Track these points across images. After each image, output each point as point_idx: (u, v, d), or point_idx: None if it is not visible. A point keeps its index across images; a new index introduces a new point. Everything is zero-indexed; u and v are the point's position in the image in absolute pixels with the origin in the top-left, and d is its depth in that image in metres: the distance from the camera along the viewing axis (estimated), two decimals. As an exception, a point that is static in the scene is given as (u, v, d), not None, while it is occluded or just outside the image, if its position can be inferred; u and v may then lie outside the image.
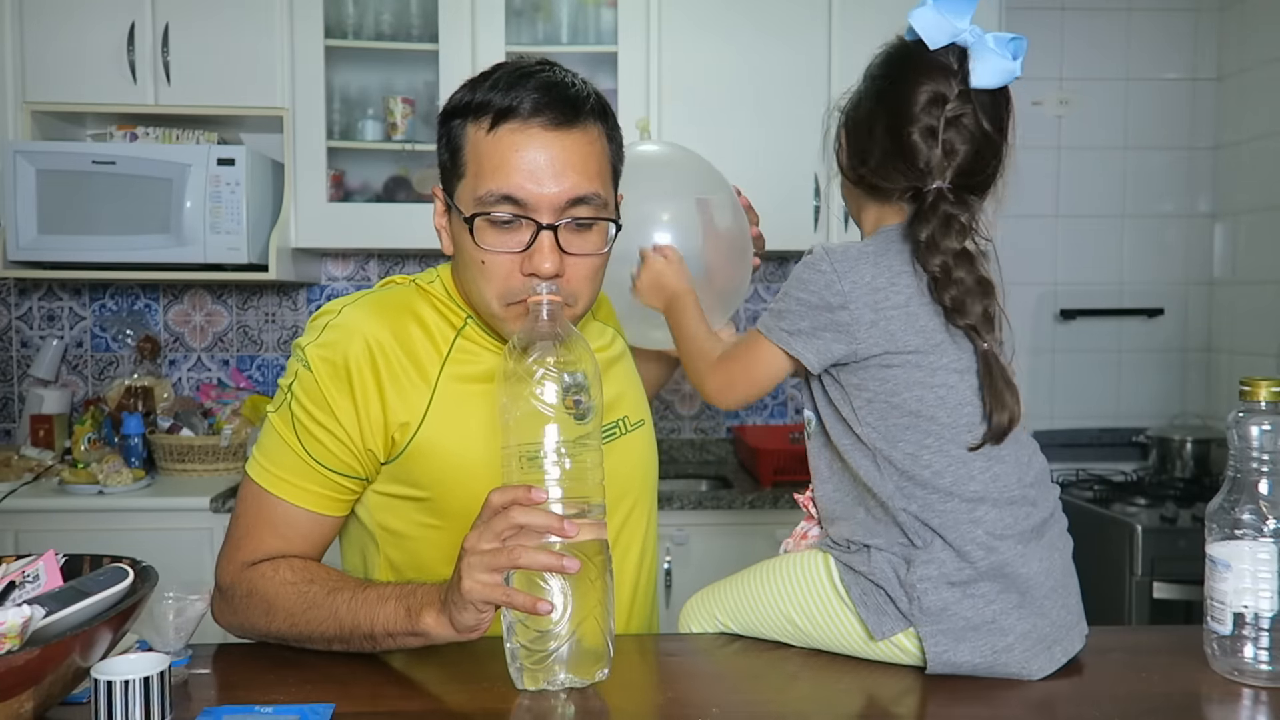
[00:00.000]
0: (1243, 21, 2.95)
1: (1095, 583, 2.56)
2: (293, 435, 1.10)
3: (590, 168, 1.07)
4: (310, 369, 1.10)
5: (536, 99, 1.04)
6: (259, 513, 1.12)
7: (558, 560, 0.89)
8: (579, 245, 1.07)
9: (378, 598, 1.02)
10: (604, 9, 2.68)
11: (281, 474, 1.11)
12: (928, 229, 1.03)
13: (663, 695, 0.99)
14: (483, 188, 1.05)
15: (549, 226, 1.04)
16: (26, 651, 0.77)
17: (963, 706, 0.93)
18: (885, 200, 1.10)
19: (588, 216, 1.06)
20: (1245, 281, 2.95)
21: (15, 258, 2.48)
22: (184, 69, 2.55)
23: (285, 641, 1.09)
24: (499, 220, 1.05)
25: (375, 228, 2.64)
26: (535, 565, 0.89)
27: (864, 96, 1.10)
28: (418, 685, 1.00)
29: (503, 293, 1.08)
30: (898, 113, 1.04)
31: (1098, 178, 3.06)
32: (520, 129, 1.04)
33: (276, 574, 1.08)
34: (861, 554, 1.05)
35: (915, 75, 1.04)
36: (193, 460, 2.58)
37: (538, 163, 1.04)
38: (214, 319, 2.94)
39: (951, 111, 1.02)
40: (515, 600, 0.90)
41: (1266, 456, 0.96)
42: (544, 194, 1.04)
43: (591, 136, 1.08)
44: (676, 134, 2.63)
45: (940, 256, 1.02)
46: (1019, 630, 0.98)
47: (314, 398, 1.09)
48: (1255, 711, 0.93)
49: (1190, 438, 2.87)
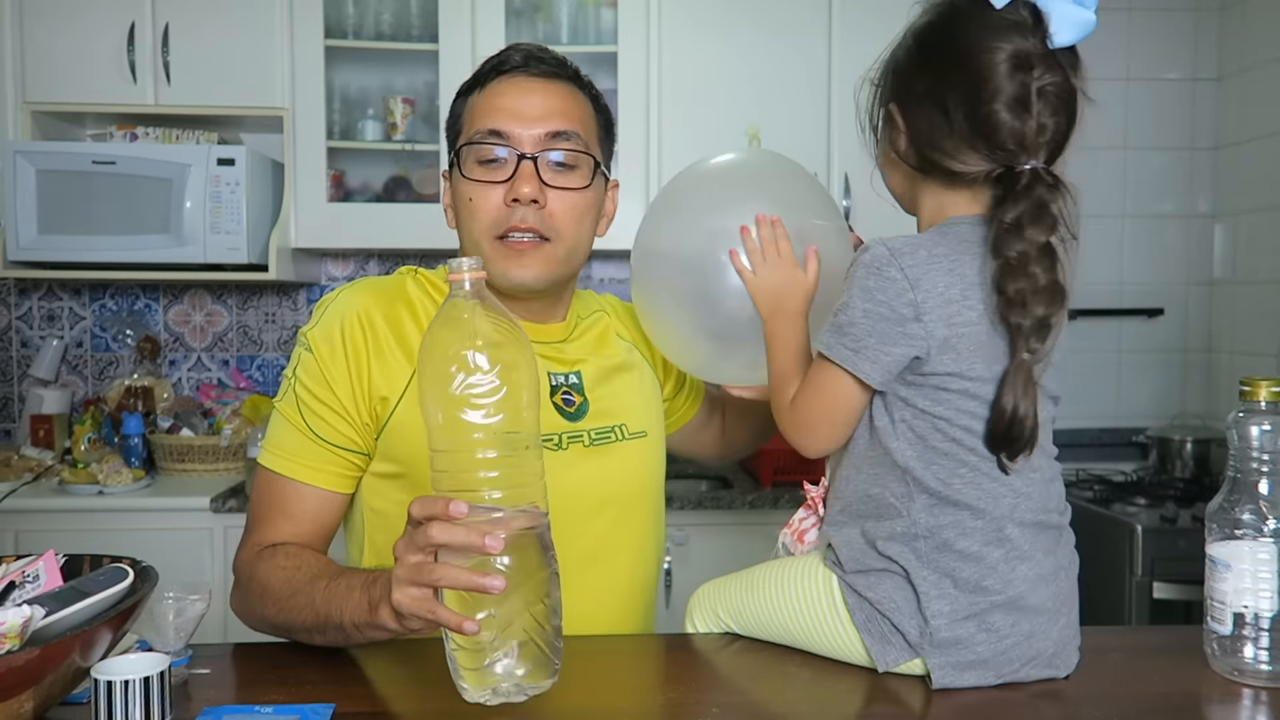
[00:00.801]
0: (1243, 21, 2.95)
1: (1095, 583, 2.56)
2: (298, 416, 1.14)
3: (572, 112, 1.17)
4: (311, 350, 1.15)
5: (523, 57, 1.17)
6: (270, 497, 1.16)
7: (479, 581, 0.81)
8: (560, 180, 1.15)
9: (347, 587, 1.00)
10: (604, 9, 2.68)
11: (289, 455, 1.15)
12: (1015, 212, 0.90)
13: (663, 695, 0.99)
14: (473, 128, 1.15)
15: (530, 157, 1.13)
16: (26, 651, 0.77)
17: (963, 707, 0.93)
18: (957, 185, 0.96)
19: (567, 148, 1.15)
20: (1245, 281, 2.95)
21: (15, 258, 2.48)
22: (184, 69, 2.55)
23: (280, 632, 1.10)
24: (485, 159, 1.14)
25: (375, 228, 2.64)
26: (456, 585, 0.83)
27: (920, 66, 0.96)
28: (418, 685, 1.00)
29: (489, 225, 1.14)
30: (976, 82, 0.91)
31: (1097, 178, 3.06)
32: (507, 79, 1.16)
33: (274, 559, 1.10)
34: (867, 576, 0.99)
35: (989, 37, 0.91)
36: (193, 460, 2.58)
37: (521, 102, 1.15)
38: (214, 319, 2.94)
39: (1040, 77, 0.90)
40: (441, 617, 0.84)
41: (1266, 456, 0.96)
42: (525, 126, 1.13)
43: (573, 92, 1.19)
44: (676, 134, 2.64)
45: (1022, 245, 0.90)
46: (1026, 657, 0.97)
47: (314, 376, 1.14)
48: (1255, 711, 0.93)
49: (1190, 438, 2.87)
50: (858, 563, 1.00)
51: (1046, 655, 0.98)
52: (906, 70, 0.98)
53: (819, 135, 2.66)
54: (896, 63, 0.99)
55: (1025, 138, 0.91)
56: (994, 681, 0.96)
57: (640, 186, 2.64)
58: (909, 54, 0.98)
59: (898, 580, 0.97)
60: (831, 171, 2.66)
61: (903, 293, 0.92)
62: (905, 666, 0.98)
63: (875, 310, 0.92)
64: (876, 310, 0.92)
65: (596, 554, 1.18)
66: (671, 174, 2.60)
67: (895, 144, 0.99)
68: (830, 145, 2.65)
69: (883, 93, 1.01)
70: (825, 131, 2.65)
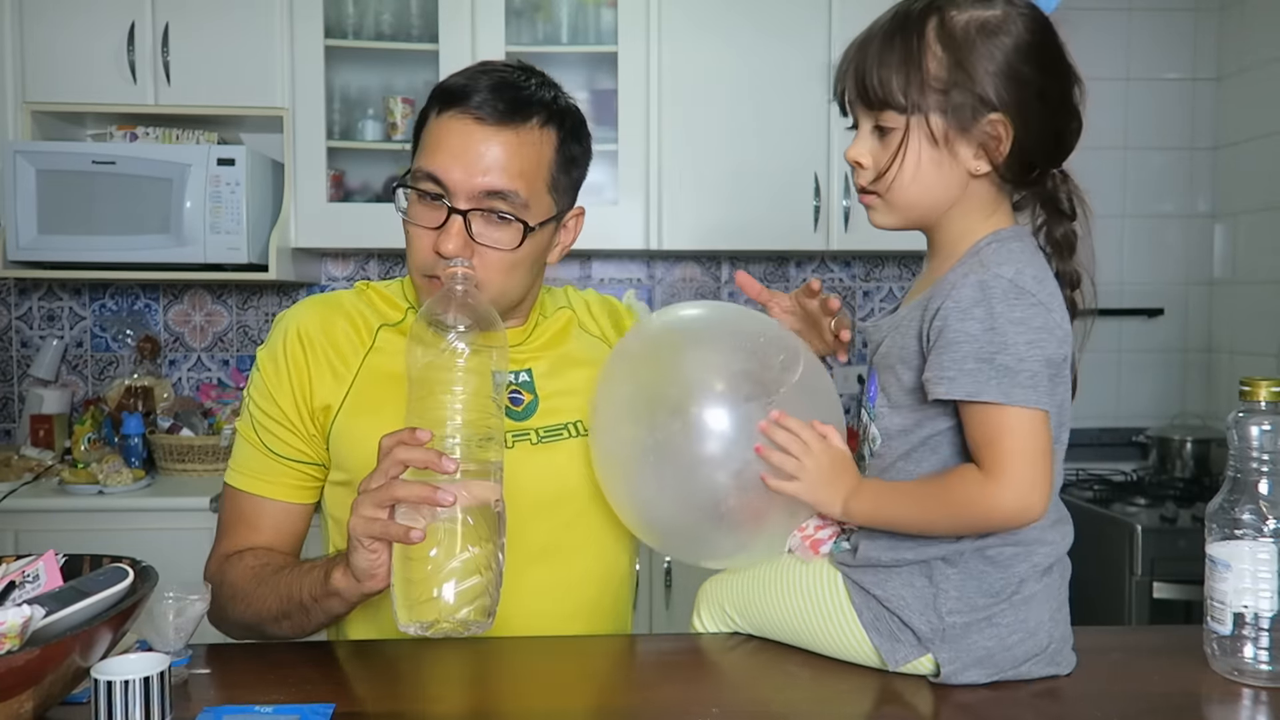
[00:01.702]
0: (1243, 21, 2.95)
1: (1095, 583, 2.56)
2: (253, 433, 1.20)
3: (514, 166, 1.11)
4: (259, 369, 1.21)
5: (484, 94, 1.10)
6: (233, 512, 1.21)
7: (430, 491, 0.91)
8: (490, 237, 1.11)
9: (309, 567, 1.08)
10: (604, 9, 2.68)
11: (248, 472, 1.20)
12: (1064, 193, 0.98)
13: (663, 695, 0.99)
14: (416, 163, 1.13)
15: (459, 212, 1.10)
16: (26, 651, 0.77)
17: (962, 705, 0.93)
18: (1014, 196, 1.01)
19: (502, 210, 1.10)
20: (1245, 281, 2.95)
21: (15, 258, 2.48)
22: (184, 69, 2.55)
23: (252, 631, 1.15)
24: (423, 194, 1.12)
25: (375, 228, 2.64)
26: (410, 497, 0.92)
27: (1040, 72, 0.94)
28: (418, 685, 1.00)
29: (419, 265, 1.14)
30: (1075, 91, 0.96)
31: (1098, 178, 3.05)
32: (458, 116, 1.10)
33: (242, 560, 1.16)
34: (875, 572, 0.99)
35: (1050, 29, 0.96)
36: (193, 460, 2.58)
37: (463, 150, 1.10)
38: (214, 319, 2.94)
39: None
40: (390, 530, 0.93)
41: (1266, 456, 0.96)
42: (460, 180, 1.09)
43: (530, 139, 1.12)
44: (676, 134, 2.64)
45: (1073, 224, 0.98)
46: (1030, 653, 0.97)
47: (263, 393, 1.19)
48: (1255, 711, 0.93)
49: (1190, 438, 2.87)
50: (866, 559, 1.00)
51: (1049, 652, 0.98)
52: (1018, 75, 0.93)
53: (819, 135, 2.66)
54: (1002, 66, 0.93)
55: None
56: (998, 677, 0.96)
57: (640, 186, 2.64)
58: (1019, 58, 0.93)
59: (907, 575, 0.97)
60: (831, 171, 2.67)
61: (1061, 322, 0.93)
62: (911, 665, 0.98)
63: (1039, 340, 0.90)
64: (1041, 341, 0.90)
65: (549, 550, 1.17)
66: (671, 174, 2.64)
67: (991, 151, 0.94)
68: (830, 145, 2.65)
69: (964, 95, 0.93)
70: (825, 131, 2.65)
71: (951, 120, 0.94)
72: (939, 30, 0.94)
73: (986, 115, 0.93)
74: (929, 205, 0.98)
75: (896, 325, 1.01)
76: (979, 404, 0.90)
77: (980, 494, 0.91)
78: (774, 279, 2.99)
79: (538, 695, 0.98)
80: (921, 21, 0.95)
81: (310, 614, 1.07)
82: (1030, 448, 0.90)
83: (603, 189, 2.73)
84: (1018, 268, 0.91)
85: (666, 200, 2.63)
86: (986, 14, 0.94)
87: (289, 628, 1.10)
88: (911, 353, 0.98)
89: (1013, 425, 0.90)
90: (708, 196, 2.66)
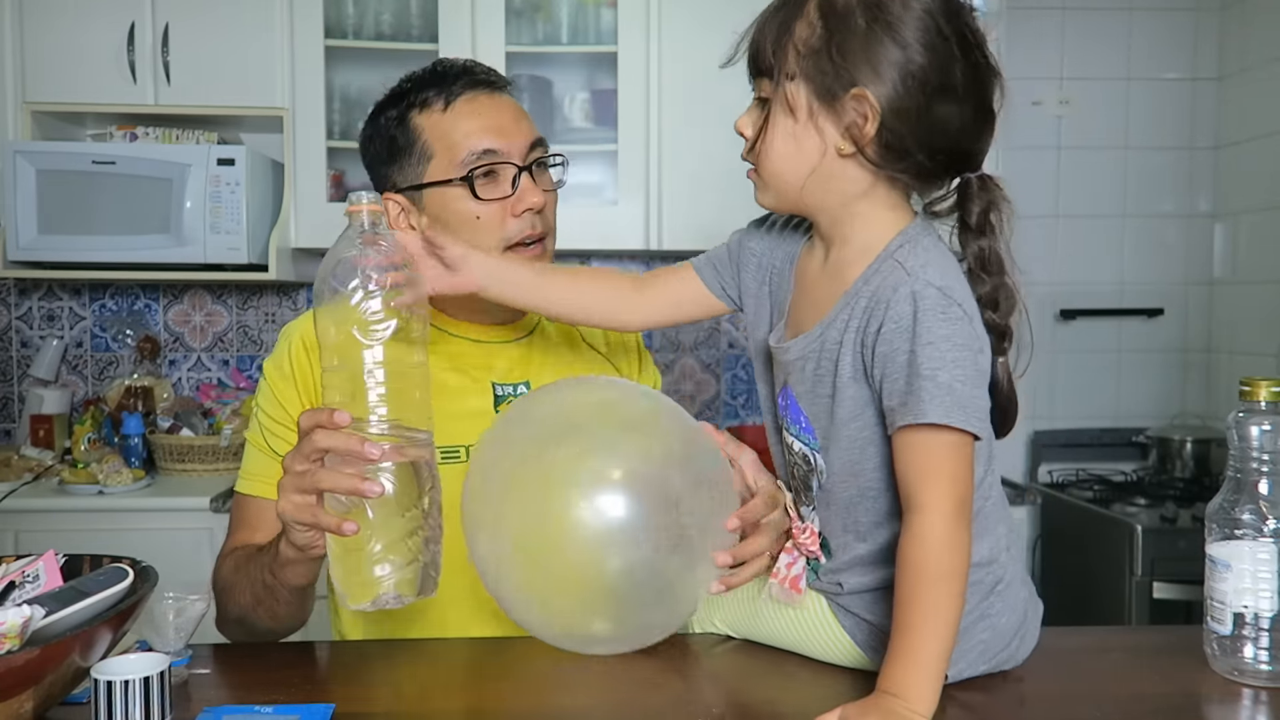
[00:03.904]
0: (1243, 21, 2.95)
1: (1095, 583, 2.56)
2: (261, 439, 1.21)
3: (529, 119, 1.24)
4: (265, 378, 1.23)
5: (469, 76, 1.21)
6: (240, 517, 1.23)
7: (356, 483, 0.89)
8: (545, 183, 1.24)
9: (266, 547, 1.09)
10: (604, 9, 2.67)
11: (256, 476, 1.21)
12: (979, 206, 0.90)
13: (663, 695, 0.99)
14: (461, 153, 1.17)
15: (525, 168, 1.19)
16: (26, 651, 0.77)
17: (963, 705, 0.93)
18: (924, 186, 0.93)
19: (546, 156, 1.23)
20: (1245, 281, 2.95)
21: (15, 258, 2.48)
22: (184, 69, 2.54)
23: (243, 627, 1.16)
24: (483, 175, 1.17)
25: (375, 228, 2.64)
26: (335, 487, 0.90)
27: (910, 43, 0.86)
28: (417, 685, 1.00)
29: (500, 239, 1.18)
30: (955, 63, 0.87)
31: (1098, 178, 3.06)
32: (471, 100, 1.20)
33: (230, 558, 1.18)
34: (861, 598, 0.97)
35: (954, 13, 0.88)
36: (193, 460, 2.58)
37: (498, 119, 1.20)
38: (214, 319, 2.94)
39: None
40: (322, 521, 0.91)
41: (1266, 456, 0.96)
42: (513, 142, 1.19)
43: (514, 100, 1.25)
44: (676, 134, 2.63)
45: (986, 240, 0.90)
46: (1011, 632, 0.98)
47: (270, 400, 1.21)
48: (1255, 711, 0.93)
49: (1190, 438, 2.87)
50: (854, 587, 0.98)
51: (1025, 631, 0.99)
52: (889, 53, 0.86)
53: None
54: (876, 39, 0.86)
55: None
56: (993, 669, 0.97)
57: (640, 186, 2.64)
58: (894, 34, 0.86)
59: None
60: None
61: (980, 333, 0.88)
62: None
63: (968, 359, 0.85)
64: (969, 359, 0.85)
65: None
66: (671, 174, 2.64)
67: (855, 132, 0.88)
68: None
69: (827, 64, 0.88)
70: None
71: (815, 91, 0.89)
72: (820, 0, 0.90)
73: (850, 90, 0.87)
74: (793, 180, 0.92)
75: (813, 350, 0.94)
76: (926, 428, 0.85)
77: (955, 578, 0.85)
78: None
79: (538, 695, 0.98)
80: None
81: (275, 594, 1.08)
82: (966, 477, 0.86)
83: (602, 189, 2.72)
84: (945, 277, 0.87)
85: (666, 200, 2.63)
86: None
87: (265, 615, 1.11)
88: (846, 379, 0.91)
89: (954, 456, 0.85)
90: (708, 197, 2.66)
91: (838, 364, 0.91)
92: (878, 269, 0.90)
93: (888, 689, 0.84)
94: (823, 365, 0.93)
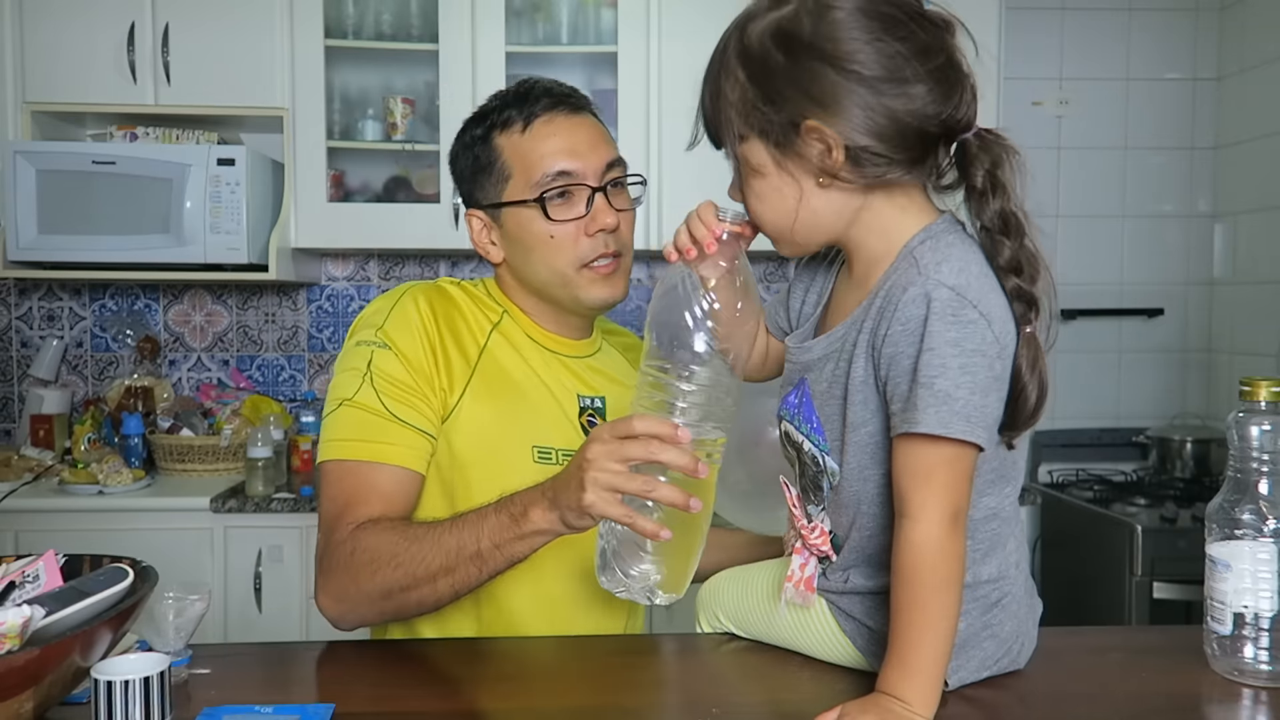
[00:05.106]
0: (1243, 21, 2.95)
1: (1095, 583, 2.56)
2: (377, 403, 1.17)
3: (610, 139, 1.28)
4: (389, 345, 1.19)
5: (550, 98, 1.25)
6: (355, 484, 1.16)
7: (685, 499, 0.91)
8: (621, 202, 1.27)
9: (478, 517, 1.06)
10: (604, 9, 2.67)
11: (367, 439, 1.16)
12: (982, 168, 0.86)
13: (663, 695, 0.99)
14: (537, 174, 1.21)
15: (599, 189, 1.23)
16: (26, 651, 0.77)
17: (963, 706, 0.93)
18: (924, 172, 0.89)
19: (623, 176, 1.27)
20: (1245, 281, 2.95)
21: (15, 258, 2.48)
22: (184, 69, 2.55)
23: (394, 598, 1.09)
24: (557, 196, 1.21)
25: (375, 228, 2.64)
26: (666, 501, 0.91)
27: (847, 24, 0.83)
28: (418, 685, 1.00)
29: (575, 258, 1.22)
30: (890, 48, 0.84)
31: (1098, 178, 3.06)
32: (549, 121, 1.23)
33: (378, 526, 1.12)
34: (863, 601, 0.96)
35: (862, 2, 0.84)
36: (193, 460, 2.58)
37: (574, 141, 1.23)
38: (214, 319, 2.95)
39: None
40: (638, 524, 0.92)
41: (1266, 456, 0.96)
42: (586, 162, 1.23)
43: (595, 120, 1.29)
44: (677, 134, 2.63)
45: (998, 201, 0.87)
46: (1012, 637, 0.97)
47: (394, 365, 1.18)
48: (1255, 711, 0.93)
49: (1190, 438, 2.87)
50: (859, 585, 0.97)
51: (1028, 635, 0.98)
52: (817, 72, 0.84)
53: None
54: (802, 67, 0.84)
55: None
56: (994, 672, 0.97)
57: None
58: (814, 53, 0.84)
59: None
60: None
61: (1000, 339, 0.83)
62: None
63: (977, 366, 0.82)
64: (979, 366, 0.82)
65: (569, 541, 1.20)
66: (671, 174, 2.64)
67: (826, 162, 0.86)
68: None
69: (772, 112, 0.86)
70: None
71: (770, 143, 0.87)
72: (739, 50, 0.87)
73: (800, 126, 0.84)
74: (791, 227, 0.91)
75: (834, 350, 0.93)
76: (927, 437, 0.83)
77: (954, 580, 0.84)
78: (774, 279, 2.99)
79: (538, 695, 0.98)
80: (725, 46, 0.89)
81: (486, 561, 1.05)
82: (962, 487, 0.85)
83: (603, 189, 2.72)
84: (964, 276, 0.83)
85: (666, 201, 2.63)
86: (780, 14, 0.86)
87: (449, 585, 1.07)
88: (858, 382, 0.89)
89: (955, 466, 0.83)
90: (707, 197, 2.65)
91: (851, 365, 0.90)
92: (895, 267, 0.88)
93: (887, 692, 0.85)
94: (839, 366, 0.92)
